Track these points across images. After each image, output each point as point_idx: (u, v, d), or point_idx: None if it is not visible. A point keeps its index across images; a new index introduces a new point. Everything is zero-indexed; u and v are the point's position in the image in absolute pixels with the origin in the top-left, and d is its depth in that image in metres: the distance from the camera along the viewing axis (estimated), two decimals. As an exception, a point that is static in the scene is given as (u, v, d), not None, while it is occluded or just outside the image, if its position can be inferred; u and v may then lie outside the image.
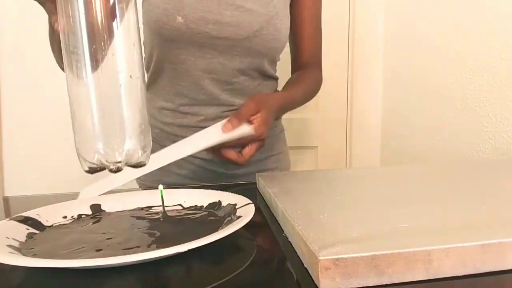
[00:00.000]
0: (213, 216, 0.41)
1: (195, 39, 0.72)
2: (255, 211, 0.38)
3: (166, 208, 0.45)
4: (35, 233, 0.39)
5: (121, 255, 0.30)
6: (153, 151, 0.81)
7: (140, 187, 0.84)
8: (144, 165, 0.38)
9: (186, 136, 0.72)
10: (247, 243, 0.37)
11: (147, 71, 0.84)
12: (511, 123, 0.82)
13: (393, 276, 0.27)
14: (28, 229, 0.39)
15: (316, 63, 0.87)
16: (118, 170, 0.35)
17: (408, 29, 1.20)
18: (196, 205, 0.46)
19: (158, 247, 0.33)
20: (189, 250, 0.30)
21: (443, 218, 0.35)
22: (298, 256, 0.32)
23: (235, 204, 0.41)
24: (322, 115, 1.40)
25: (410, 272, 0.27)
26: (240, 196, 0.43)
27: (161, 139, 0.82)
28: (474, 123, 0.92)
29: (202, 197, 0.46)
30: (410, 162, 1.20)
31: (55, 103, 1.45)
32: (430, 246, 0.27)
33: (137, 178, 0.84)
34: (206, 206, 0.45)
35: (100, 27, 0.33)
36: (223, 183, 0.71)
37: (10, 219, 0.39)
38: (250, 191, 0.59)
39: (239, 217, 0.37)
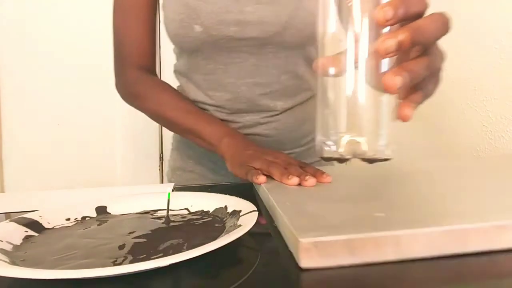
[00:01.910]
0: (217, 223, 0.41)
1: (220, 45, 0.65)
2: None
3: (172, 212, 0.44)
4: (32, 236, 0.38)
5: (107, 265, 0.30)
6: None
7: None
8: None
9: None
10: (245, 240, 0.38)
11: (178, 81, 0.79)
12: (511, 123, 0.82)
13: (365, 257, 0.30)
14: (27, 231, 0.39)
15: None
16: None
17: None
18: (202, 210, 0.45)
19: (145, 258, 0.32)
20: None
21: (423, 208, 0.38)
22: (284, 240, 0.36)
23: (240, 211, 0.41)
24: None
25: (381, 254, 0.30)
26: (248, 202, 0.42)
27: None
28: (474, 123, 0.92)
29: (209, 202, 0.46)
30: (410, 162, 1.19)
31: (55, 104, 1.45)
32: (399, 231, 0.31)
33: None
34: (213, 211, 0.44)
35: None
36: (224, 183, 0.70)
37: (11, 221, 0.39)
38: (249, 190, 0.59)
39: (240, 226, 0.37)
